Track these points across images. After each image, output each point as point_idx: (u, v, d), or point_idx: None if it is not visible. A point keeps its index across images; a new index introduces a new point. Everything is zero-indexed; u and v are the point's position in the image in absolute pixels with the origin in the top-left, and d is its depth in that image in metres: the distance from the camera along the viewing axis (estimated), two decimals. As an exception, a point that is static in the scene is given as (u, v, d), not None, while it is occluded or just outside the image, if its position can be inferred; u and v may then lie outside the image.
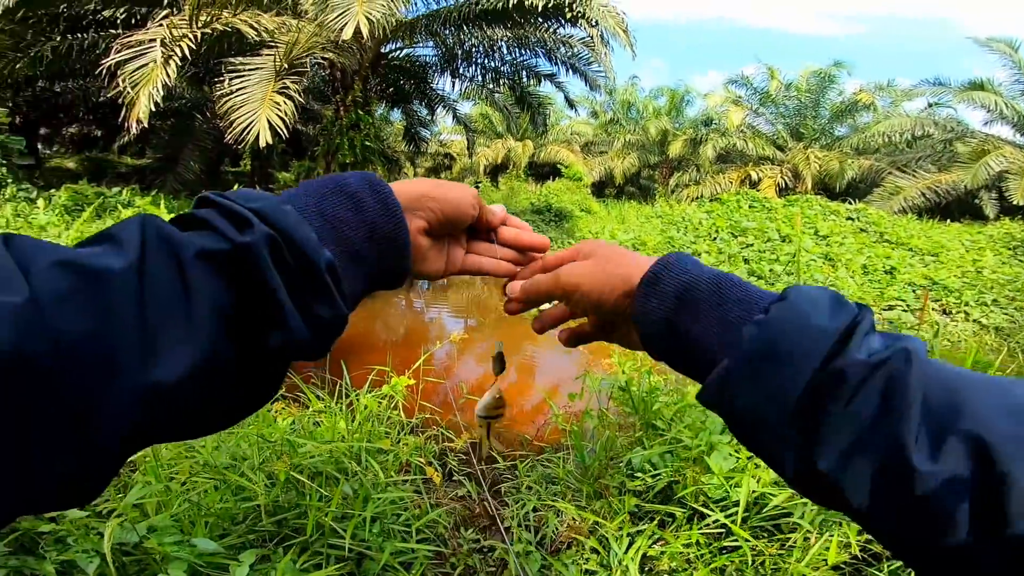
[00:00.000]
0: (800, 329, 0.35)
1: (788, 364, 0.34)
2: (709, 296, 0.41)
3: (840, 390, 0.33)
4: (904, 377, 0.31)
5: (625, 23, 7.16)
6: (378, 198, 0.41)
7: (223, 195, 0.36)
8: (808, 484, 0.36)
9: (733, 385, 0.37)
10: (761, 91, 16.89)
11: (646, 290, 0.43)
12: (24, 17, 6.56)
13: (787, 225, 9.53)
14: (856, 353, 0.33)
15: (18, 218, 6.61)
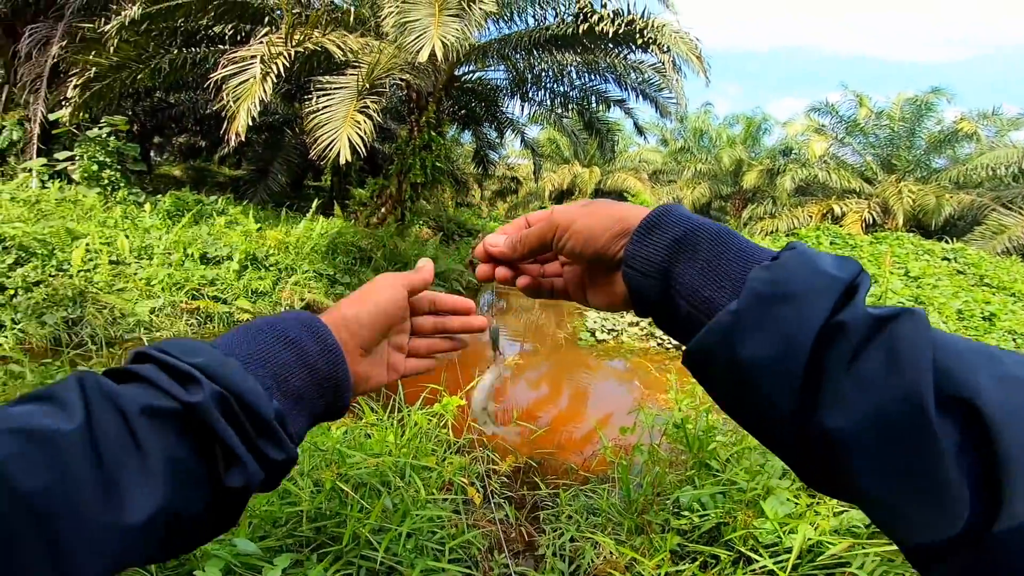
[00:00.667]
0: (811, 272, 0.34)
1: (802, 304, 0.32)
2: (711, 243, 0.39)
3: (846, 343, 0.31)
4: (913, 336, 0.30)
5: (699, 49, 7.03)
6: (317, 340, 0.44)
7: (161, 349, 0.37)
8: (807, 447, 0.33)
9: (742, 328, 0.34)
10: (848, 119, 15.97)
11: (644, 232, 0.41)
12: (147, 29, 7.13)
13: (873, 264, 8.87)
14: (863, 307, 0.32)
15: (126, 220, 7.29)
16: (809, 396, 0.32)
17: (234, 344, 0.41)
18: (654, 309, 0.41)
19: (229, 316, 6.27)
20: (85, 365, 2.53)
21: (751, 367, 0.33)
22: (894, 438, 0.29)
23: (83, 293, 5.34)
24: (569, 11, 7.94)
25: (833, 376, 0.31)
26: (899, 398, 0.29)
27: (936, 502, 0.27)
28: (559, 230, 0.46)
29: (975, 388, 0.28)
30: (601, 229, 0.44)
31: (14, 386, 2.14)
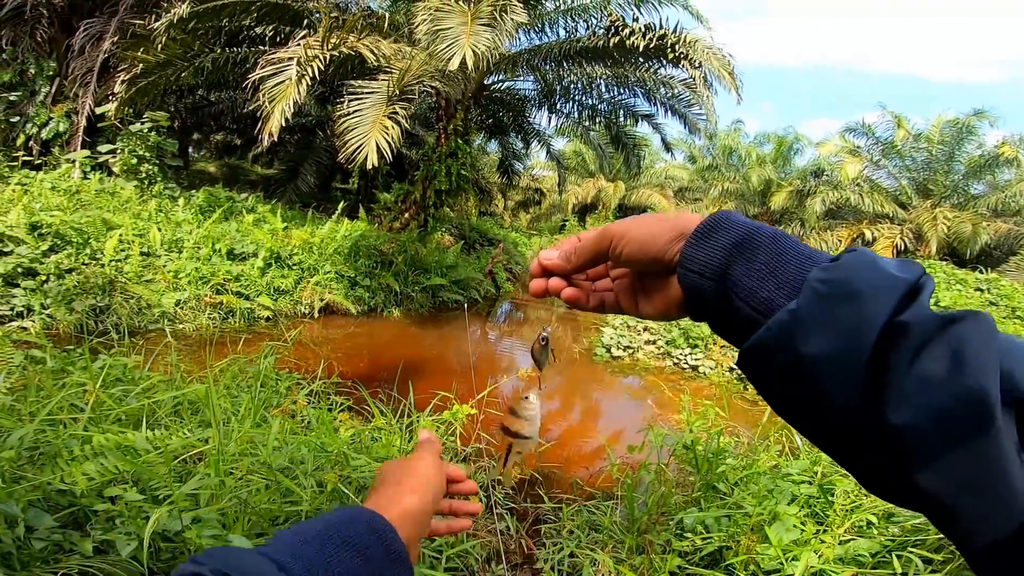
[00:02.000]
0: (874, 274, 0.34)
1: (862, 305, 0.32)
2: (769, 246, 0.39)
3: (910, 342, 0.31)
4: (977, 337, 0.30)
5: (731, 66, 6.95)
6: (384, 547, 0.45)
7: (222, 571, 0.35)
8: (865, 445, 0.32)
9: (803, 326, 0.34)
10: (884, 141, 15.55)
11: (702, 235, 0.41)
12: (194, 28, 7.34)
13: (903, 292, 8.60)
14: (926, 307, 0.32)
15: (160, 213, 7.52)
16: (870, 393, 0.32)
17: (298, 554, 0.40)
18: (710, 312, 0.42)
19: (251, 312, 6.40)
20: (106, 353, 2.60)
21: (812, 363, 0.33)
22: (957, 436, 0.29)
23: (112, 282, 5.52)
24: (600, 24, 7.95)
25: (896, 373, 0.31)
26: (963, 397, 0.29)
27: (995, 498, 0.28)
28: (615, 238, 0.46)
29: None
30: (658, 234, 0.44)
31: (34, 371, 2.22)
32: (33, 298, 4.98)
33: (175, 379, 2.68)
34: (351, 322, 7.12)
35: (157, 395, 2.30)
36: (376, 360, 5.76)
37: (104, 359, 2.39)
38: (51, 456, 1.44)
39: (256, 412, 2.49)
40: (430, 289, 8.46)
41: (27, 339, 3.69)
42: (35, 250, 5.26)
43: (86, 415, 1.84)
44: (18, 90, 8.65)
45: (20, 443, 1.41)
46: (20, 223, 5.40)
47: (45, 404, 1.80)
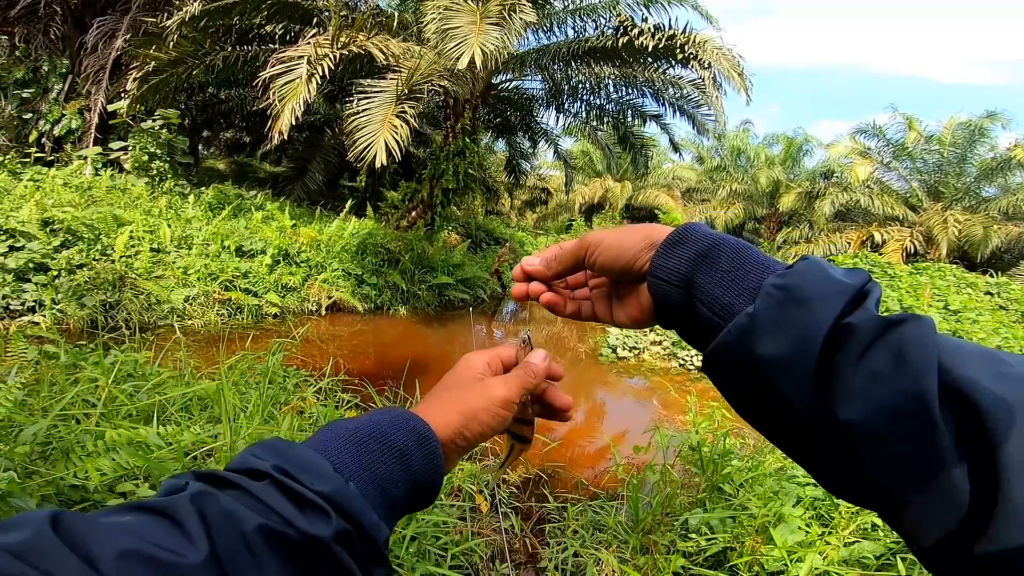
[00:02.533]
0: (823, 280, 0.36)
1: (814, 307, 0.35)
2: (731, 256, 0.41)
3: (855, 343, 0.33)
4: (918, 339, 0.32)
5: (741, 66, 6.91)
6: (424, 453, 0.43)
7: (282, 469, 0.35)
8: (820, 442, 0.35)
9: (758, 328, 0.36)
10: (895, 143, 15.41)
11: (669, 246, 0.44)
12: (205, 26, 7.39)
13: (912, 295, 8.53)
14: (871, 310, 0.35)
15: (170, 210, 7.58)
16: (821, 391, 0.34)
17: (345, 453, 0.40)
18: (676, 318, 0.44)
19: (259, 309, 6.45)
20: (118, 349, 2.63)
21: (767, 364, 0.36)
22: (901, 428, 0.31)
23: (123, 278, 5.57)
24: (609, 24, 7.93)
25: (843, 372, 0.33)
26: (905, 392, 0.31)
27: (938, 490, 0.29)
28: (591, 247, 0.49)
29: (973, 383, 0.30)
30: (629, 244, 0.47)
31: (47, 366, 2.25)
32: (44, 293, 5.04)
33: (185, 375, 2.70)
34: (358, 320, 7.16)
35: (168, 391, 2.33)
36: (383, 358, 5.79)
37: (115, 354, 2.42)
38: (64, 451, 1.46)
39: (264, 409, 2.51)
40: (436, 288, 8.48)
41: (38, 334, 3.75)
42: (47, 245, 5.32)
43: (98, 410, 1.87)
44: (31, 87, 8.73)
45: (33, 438, 1.43)
46: (32, 219, 5.46)
47: (58, 400, 1.82)
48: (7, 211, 5.51)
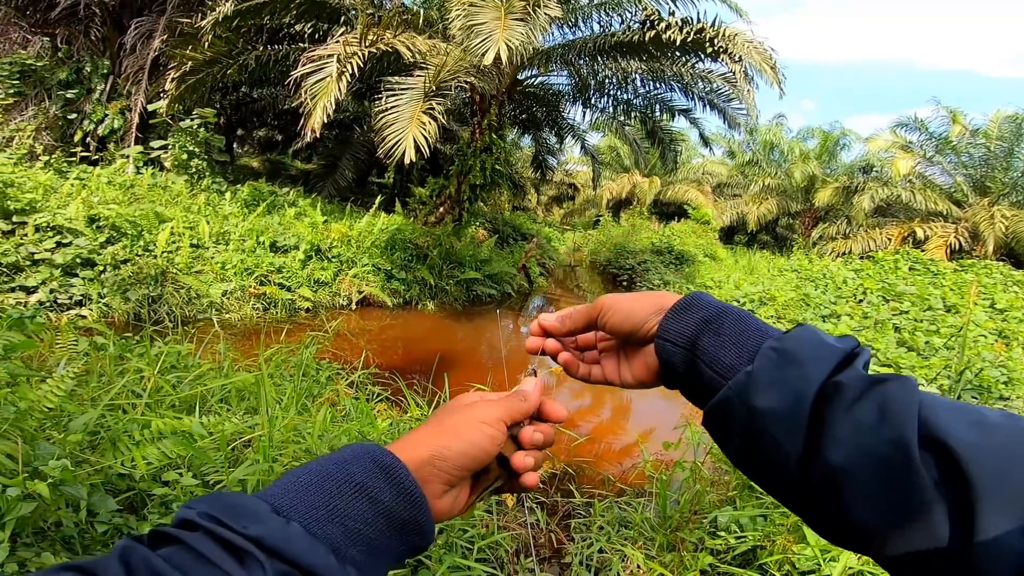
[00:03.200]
0: (816, 344, 0.41)
1: (807, 366, 0.39)
2: (733, 323, 0.45)
3: (843, 398, 0.37)
4: (901, 396, 0.36)
5: (773, 60, 6.72)
6: (392, 484, 0.39)
7: (211, 515, 0.33)
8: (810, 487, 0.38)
9: (756, 384, 0.40)
10: (938, 137, 14.79)
11: (678, 311, 0.48)
12: (238, 26, 7.57)
13: (956, 293, 8.21)
14: (858, 370, 0.39)
15: (208, 207, 7.82)
16: (812, 438, 0.37)
17: (294, 494, 0.36)
18: (680, 378, 0.48)
19: (292, 303, 6.62)
20: (161, 342, 2.75)
21: (763, 416, 0.39)
22: (883, 472, 0.34)
23: (164, 273, 5.78)
24: (635, 18, 7.81)
25: (832, 422, 0.37)
26: (888, 440, 0.34)
27: (918, 525, 0.32)
28: (604, 308, 0.53)
29: (950, 431, 0.33)
30: (640, 308, 0.51)
31: (96, 357, 2.36)
32: (91, 287, 5.27)
33: (224, 367, 2.80)
34: (387, 314, 7.27)
35: (208, 382, 2.42)
36: (411, 352, 5.87)
37: (160, 347, 2.52)
38: (112, 441, 1.53)
39: (299, 400, 2.59)
40: (464, 283, 8.55)
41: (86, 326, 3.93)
42: (93, 242, 5.55)
43: (144, 401, 1.96)
44: (75, 88, 9.04)
45: (84, 428, 1.50)
46: (79, 216, 5.71)
47: (107, 390, 1.92)
48: (55, 208, 5.76)
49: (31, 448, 1.14)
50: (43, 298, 5.02)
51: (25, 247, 5.18)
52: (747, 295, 7.59)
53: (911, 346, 6.17)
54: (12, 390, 1.30)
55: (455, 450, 0.43)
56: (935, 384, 4.89)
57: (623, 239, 15.49)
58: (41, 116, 8.78)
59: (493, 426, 0.46)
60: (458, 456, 0.43)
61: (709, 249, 15.80)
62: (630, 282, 12.90)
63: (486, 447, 0.45)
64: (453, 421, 0.46)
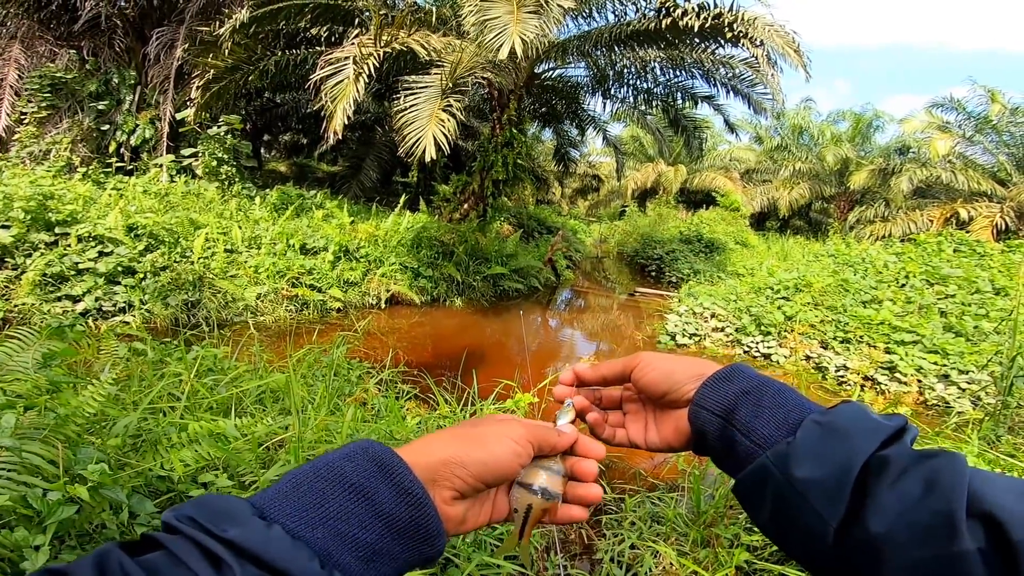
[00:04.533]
0: (863, 419, 0.41)
1: (853, 440, 0.39)
2: (773, 395, 0.45)
3: (889, 472, 0.37)
4: (949, 470, 0.35)
5: (796, 43, 6.48)
6: (392, 484, 0.37)
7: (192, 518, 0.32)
8: (848, 556, 0.37)
9: (797, 454, 0.40)
10: (977, 116, 14.16)
11: (718, 380, 0.48)
12: (255, 32, 7.66)
13: (1004, 275, 7.82)
14: (906, 446, 0.39)
15: (239, 212, 8.04)
16: (854, 510, 0.37)
17: (283, 496, 0.35)
18: (712, 446, 0.48)
19: (323, 304, 6.75)
20: (198, 345, 2.83)
21: (804, 484, 0.39)
22: (927, 541, 0.34)
23: (201, 278, 5.97)
24: (650, 6, 7.65)
25: (877, 493, 0.37)
26: (933, 510, 0.34)
27: None
28: (642, 364, 0.52)
29: (998, 501, 0.33)
30: (680, 371, 0.50)
31: (136, 363, 2.45)
32: (133, 294, 5.47)
33: (258, 369, 2.87)
34: (415, 312, 7.35)
35: (243, 384, 2.48)
36: (440, 349, 5.92)
37: (197, 350, 2.60)
38: (152, 443, 1.59)
39: (331, 400, 2.64)
40: (491, 278, 8.57)
41: (129, 332, 4.08)
42: (133, 250, 5.76)
43: (182, 403, 2.02)
44: (105, 99, 9.29)
45: (125, 431, 1.56)
46: (118, 225, 5.93)
47: (147, 393, 1.98)
48: (95, 219, 5.99)
49: (72, 452, 1.18)
50: (89, 306, 5.24)
51: (69, 257, 5.41)
52: (781, 282, 7.38)
53: (959, 331, 5.91)
54: (53, 396, 1.36)
55: (474, 457, 0.41)
56: (986, 371, 4.67)
57: (650, 229, 15.29)
58: (76, 128, 9.06)
59: (519, 443, 0.44)
60: (476, 464, 0.41)
61: (740, 236, 15.46)
62: (659, 272, 12.72)
63: (508, 461, 0.43)
64: (479, 432, 0.44)
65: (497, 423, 0.45)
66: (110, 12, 8.92)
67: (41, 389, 1.45)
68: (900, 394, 4.79)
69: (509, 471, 0.44)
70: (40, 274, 5.19)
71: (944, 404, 4.57)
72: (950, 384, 4.74)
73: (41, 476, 1.13)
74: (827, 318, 6.06)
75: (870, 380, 5.14)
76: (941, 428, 3.20)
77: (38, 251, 5.44)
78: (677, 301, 7.46)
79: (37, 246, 5.49)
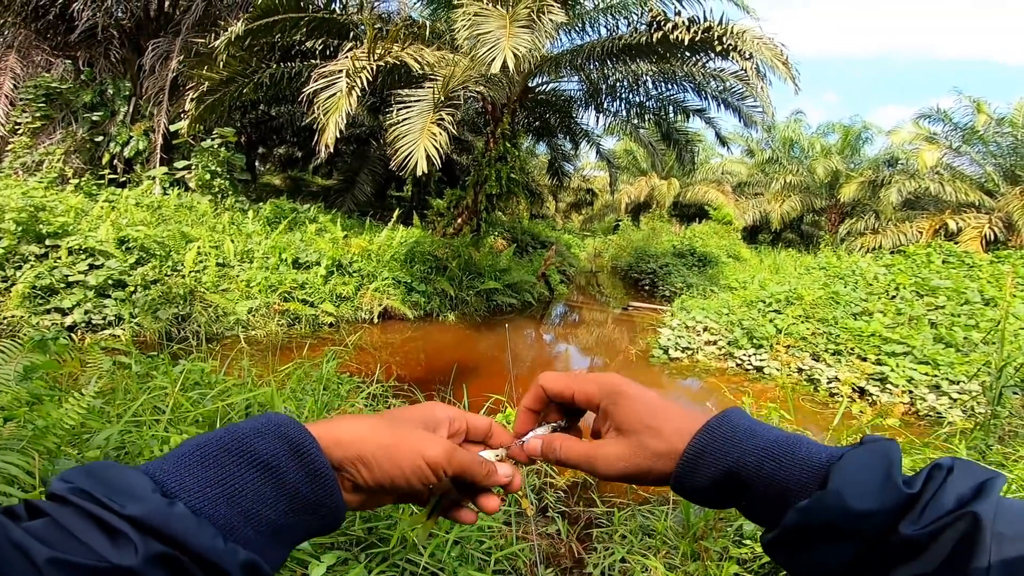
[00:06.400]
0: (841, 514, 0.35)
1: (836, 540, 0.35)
2: (756, 485, 0.40)
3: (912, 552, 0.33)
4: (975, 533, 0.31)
5: (785, 55, 6.60)
6: (301, 465, 0.36)
7: (84, 491, 0.30)
8: None
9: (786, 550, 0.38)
10: (964, 127, 14.41)
11: (690, 466, 0.42)
12: (250, 45, 7.70)
13: (994, 286, 7.90)
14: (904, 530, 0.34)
15: (232, 225, 8.02)
16: None
17: (185, 469, 0.33)
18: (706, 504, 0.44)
19: (315, 318, 6.71)
20: (186, 359, 2.81)
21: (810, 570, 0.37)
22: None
23: (192, 292, 5.93)
24: (642, 20, 7.77)
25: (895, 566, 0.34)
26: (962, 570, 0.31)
27: None
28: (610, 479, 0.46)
29: None
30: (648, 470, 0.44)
31: (121, 376, 2.43)
32: (123, 308, 5.43)
33: (247, 383, 2.85)
34: (408, 327, 7.32)
35: (231, 398, 2.46)
36: (433, 364, 5.89)
37: (184, 364, 2.58)
38: (135, 455, 1.57)
39: (319, 414, 2.61)
40: (484, 293, 8.57)
41: (118, 346, 4.05)
42: (123, 263, 5.72)
43: (166, 416, 2.00)
44: (99, 110, 9.27)
45: (106, 443, 1.54)
46: (109, 238, 5.90)
47: (130, 406, 1.96)
48: (86, 231, 5.96)
49: (50, 463, 1.17)
50: (78, 319, 5.19)
51: (59, 270, 5.37)
52: (773, 295, 7.42)
53: (949, 342, 5.95)
54: (33, 408, 1.35)
55: (383, 469, 0.39)
56: (976, 380, 4.70)
57: (643, 243, 15.37)
58: (69, 139, 9.02)
59: (432, 467, 0.41)
60: (382, 474, 0.39)
61: (732, 249, 15.56)
62: (652, 286, 12.76)
63: (414, 483, 0.41)
64: (399, 436, 0.41)
65: (420, 434, 0.42)
66: (107, 23, 8.96)
67: (21, 401, 1.44)
68: (891, 406, 4.80)
69: (412, 491, 0.42)
70: (30, 286, 5.15)
71: (936, 414, 4.58)
72: (941, 394, 4.76)
73: (18, 486, 1.12)
74: (818, 330, 6.08)
75: (860, 392, 5.15)
76: (930, 439, 3.20)
77: (28, 263, 5.41)
78: (670, 315, 7.48)
79: (27, 258, 5.45)
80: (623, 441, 0.44)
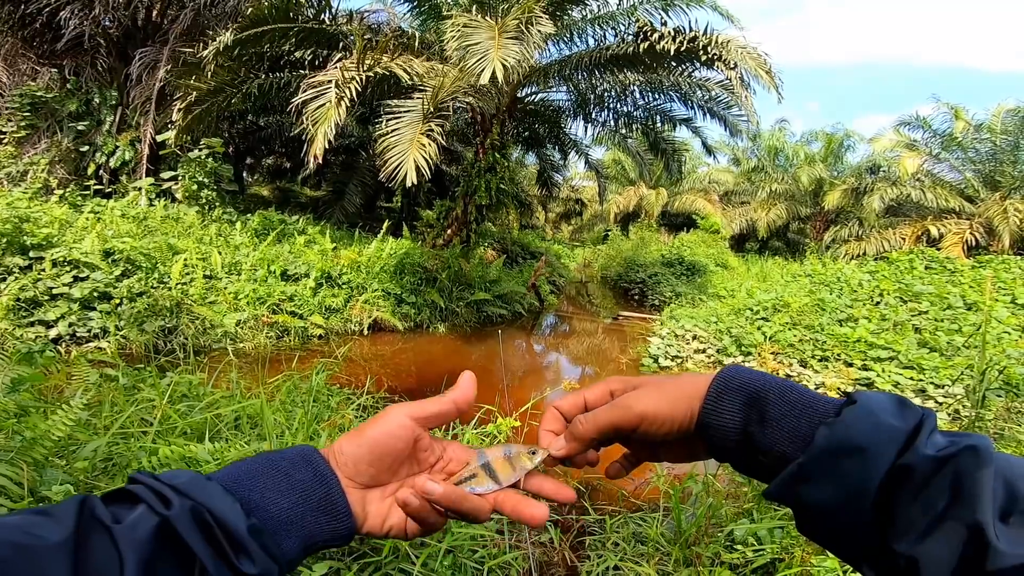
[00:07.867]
0: (873, 427, 0.38)
1: (865, 458, 0.37)
2: (777, 403, 0.43)
3: (912, 483, 0.35)
4: (973, 470, 0.34)
5: (768, 64, 6.74)
6: (309, 467, 0.45)
7: (151, 475, 0.39)
8: (880, 567, 0.37)
9: (807, 479, 0.39)
10: (943, 134, 14.73)
11: (716, 403, 0.45)
12: (239, 55, 7.64)
13: (975, 291, 8.05)
14: (924, 449, 0.36)
15: (220, 237, 7.95)
16: (880, 524, 0.36)
17: (229, 474, 0.43)
18: (734, 461, 0.47)
19: (304, 331, 6.67)
20: (173, 372, 2.78)
21: (818, 509, 0.39)
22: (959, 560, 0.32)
23: (179, 304, 5.86)
24: (629, 30, 7.88)
25: (902, 510, 0.36)
26: (963, 523, 0.33)
27: None
28: (643, 420, 0.47)
29: None
30: (678, 412, 0.47)
31: (108, 388, 2.40)
32: (108, 320, 5.36)
33: (235, 395, 2.83)
34: (398, 338, 7.29)
35: (219, 410, 2.44)
36: (423, 375, 5.87)
37: (171, 376, 2.55)
38: (122, 467, 1.55)
39: (309, 426, 2.60)
40: (474, 304, 8.56)
41: (103, 359, 3.99)
42: (109, 275, 5.65)
43: (154, 428, 1.98)
44: (85, 119, 9.13)
45: (94, 455, 1.53)
46: (95, 250, 5.83)
47: (117, 418, 1.94)
48: (71, 243, 5.88)
49: (39, 474, 1.16)
50: (62, 332, 5.12)
51: (43, 282, 5.30)
52: (760, 303, 7.50)
53: (933, 346, 6.05)
54: (21, 420, 1.33)
55: (352, 442, 0.47)
56: (960, 383, 4.78)
57: (633, 253, 15.48)
58: (54, 149, 8.87)
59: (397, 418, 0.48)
60: (351, 446, 0.47)
61: (720, 258, 15.73)
62: (642, 295, 12.83)
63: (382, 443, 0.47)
64: (367, 421, 0.49)
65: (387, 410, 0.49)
66: (94, 31, 8.86)
67: (9, 413, 1.42)
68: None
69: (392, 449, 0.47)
70: (13, 299, 5.07)
71: (921, 418, 4.64)
72: (927, 398, 4.83)
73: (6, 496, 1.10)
74: (805, 337, 6.16)
75: (849, 396, 5.21)
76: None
77: (12, 275, 5.32)
78: (660, 324, 7.53)
79: (11, 270, 5.37)
80: (646, 389, 0.49)
